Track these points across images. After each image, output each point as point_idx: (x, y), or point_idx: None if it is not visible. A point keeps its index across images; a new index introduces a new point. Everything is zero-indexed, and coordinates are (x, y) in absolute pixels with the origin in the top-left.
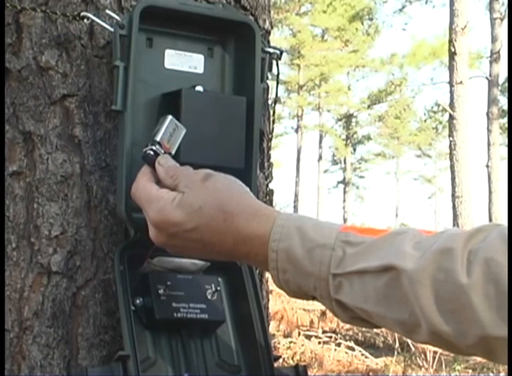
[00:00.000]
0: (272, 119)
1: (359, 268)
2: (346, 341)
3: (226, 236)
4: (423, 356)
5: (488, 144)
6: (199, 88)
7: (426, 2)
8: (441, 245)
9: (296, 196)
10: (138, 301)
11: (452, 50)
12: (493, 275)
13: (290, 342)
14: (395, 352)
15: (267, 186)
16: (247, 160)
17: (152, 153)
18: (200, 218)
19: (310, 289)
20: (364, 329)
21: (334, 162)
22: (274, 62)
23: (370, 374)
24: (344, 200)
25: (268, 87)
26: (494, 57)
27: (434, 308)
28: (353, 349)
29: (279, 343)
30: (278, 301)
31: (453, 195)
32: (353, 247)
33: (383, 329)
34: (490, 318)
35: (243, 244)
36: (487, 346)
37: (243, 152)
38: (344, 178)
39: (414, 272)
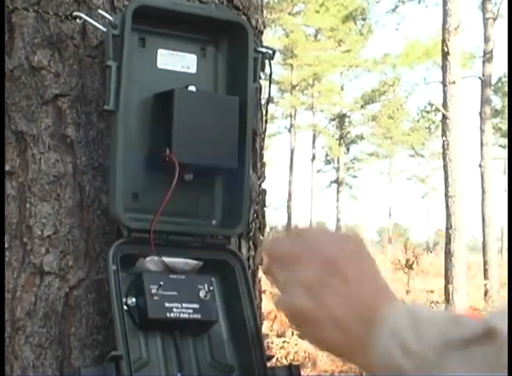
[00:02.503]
0: (264, 119)
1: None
2: None
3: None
4: None
5: (481, 144)
6: (191, 88)
7: (419, 2)
8: None
9: (289, 196)
10: (131, 301)
11: (445, 50)
12: None
13: (284, 342)
14: None
15: (260, 185)
16: (240, 159)
17: None
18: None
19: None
20: None
21: (327, 162)
22: (266, 61)
23: (363, 373)
24: (338, 200)
25: (260, 87)
26: (487, 57)
27: None
28: None
29: (272, 343)
30: (271, 300)
31: (446, 195)
32: None
33: None
34: None
35: (379, 293)
36: None
37: (236, 151)
38: (338, 178)
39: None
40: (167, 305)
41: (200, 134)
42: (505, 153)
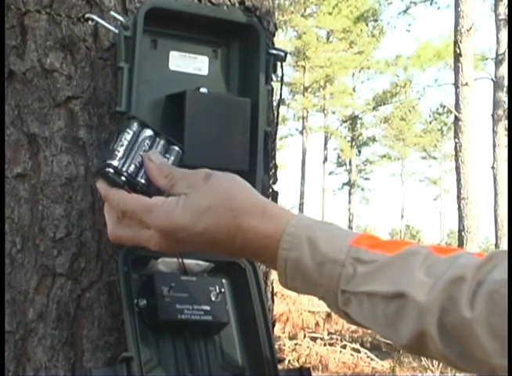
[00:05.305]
0: (276, 121)
1: (370, 290)
2: (351, 343)
3: (236, 235)
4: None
5: (494, 146)
6: (203, 90)
7: (430, 4)
8: (453, 274)
9: (301, 198)
10: (142, 302)
11: (458, 51)
12: (497, 307)
13: (296, 344)
14: (401, 354)
15: (271, 187)
16: (252, 161)
17: (112, 171)
18: (209, 218)
19: (318, 296)
20: (370, 331)
21: (339, 164)
22: (278, 63)
23: (376, 375)
24: (350, 202)
25: (272, 88)
26: (499, 59)
27: (436, 334)
28: (358, 351)
29: (284, 345)
30: (283, 303)
31: (459, 197)
32: (364, 265)
33: None
34: (494, 347)
35: (252, 244)
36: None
37: (248, 154)
38: (350, 180)
39: (425, 305)
40: (178, 306)
41: (211, 136)
42: None
